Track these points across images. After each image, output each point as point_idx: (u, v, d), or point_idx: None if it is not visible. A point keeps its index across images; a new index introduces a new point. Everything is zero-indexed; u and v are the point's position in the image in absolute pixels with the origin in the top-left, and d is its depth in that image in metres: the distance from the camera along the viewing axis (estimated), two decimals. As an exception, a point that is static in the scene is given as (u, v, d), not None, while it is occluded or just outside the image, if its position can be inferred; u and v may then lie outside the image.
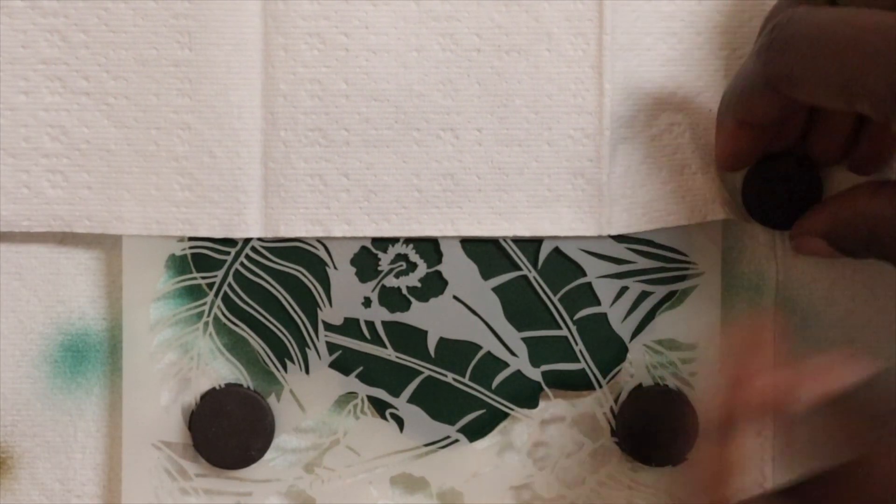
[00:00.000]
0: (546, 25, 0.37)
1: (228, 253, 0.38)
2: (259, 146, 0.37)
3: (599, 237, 0.38)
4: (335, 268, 0.38)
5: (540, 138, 0.37)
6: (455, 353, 0.38)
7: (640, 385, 0.39)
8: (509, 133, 0.37)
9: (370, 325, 0.38)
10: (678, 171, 0.38)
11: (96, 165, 0.37)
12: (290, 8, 0.37)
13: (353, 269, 0.38)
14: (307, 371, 0.38)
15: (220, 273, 0.38)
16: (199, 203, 0.37)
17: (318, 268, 0.38)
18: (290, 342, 0.38)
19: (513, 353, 0.38)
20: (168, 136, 0.37)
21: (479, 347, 0.38)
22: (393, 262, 0.38)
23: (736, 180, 0.39)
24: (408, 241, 0.38)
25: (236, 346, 0.38)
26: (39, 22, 0.37)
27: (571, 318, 0.38)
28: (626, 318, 0.38)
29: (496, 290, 0.38)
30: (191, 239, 0.37)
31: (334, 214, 0.37)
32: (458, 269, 0.38)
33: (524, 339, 0.38)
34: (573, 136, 0.37)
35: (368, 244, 0.38)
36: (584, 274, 0.38)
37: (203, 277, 0.38)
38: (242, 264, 0.38)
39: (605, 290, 0.38)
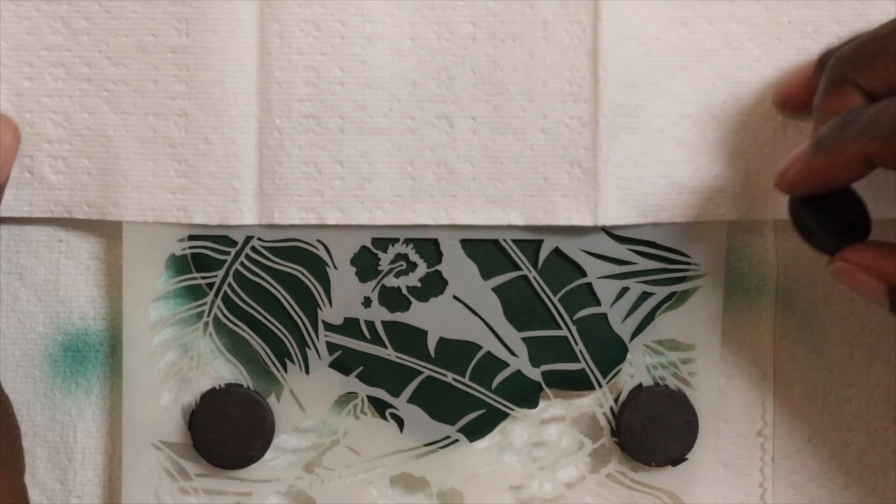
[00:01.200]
0: (541, 13, 0.37)
1: (228, 253, 0.38)
2: (254, 133, 0.37)
3: (600, 238, 0.38)
4: (335, 267, 0.38)
5: (535, 126, 0.37)
6: (455, 353, 0.38)
7: (640, 385, 0.39)
8: (504, 121, 0.37)
9: (370, 325, 0.38)
10: (680, 166, 0.38)
11: (95, 151, 0.37)
12: None
13: (353, 269, 0.38)
14: (307, 371, 0.38)
15: (220, 273, 0.38)
16: (195, 190, 0.37)
17: (318, 268, 0.38)
18: (290, 342, 0.38)
19: (513, 353, 0.38)
20: (165, 122, 0.37)
21: (479, 347, 0.38)
22: (393, 261, 0.38)
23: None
24: (408, 240, 0.38)
25: (236, 346, 0.38)
26: (43, 9, 0.37)
27: (571, 318, 0.38)
28: (626, 318, 0.38)
29: (496, 290, 0.38)
30: (191, 238, 0.37)
31: (328, 202, 0.37)
32: (458, 268, 0.38)
33: (524, 339, 0.38)
34: (568, 124, 0.37)
35: (368, 244, 0.38)
36: (584, 274, 0.38)
37: (203, 277, 0.38)
38: (242, 264, 0.38)
39: (605, 290, 0.38)
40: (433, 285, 0.38)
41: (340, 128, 0.37)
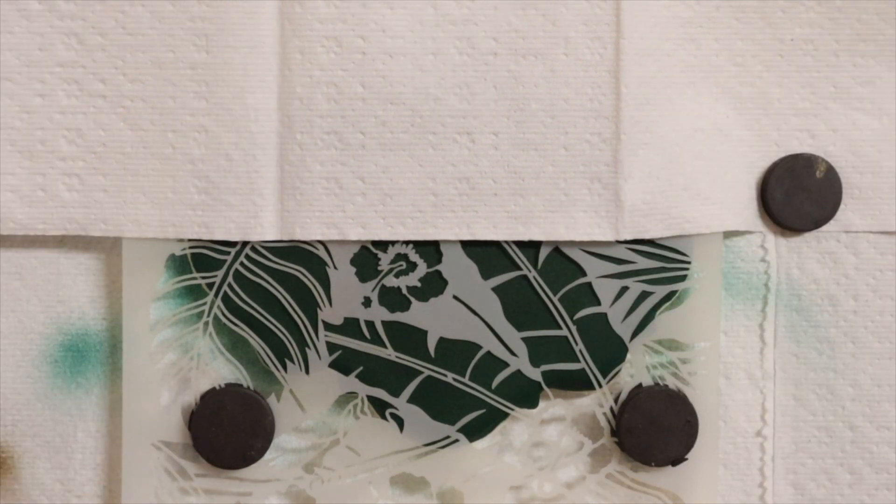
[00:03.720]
0: (563, 29, 0.37)
1: (228, 253, 0.38)
2: (275, 149, 0.37)
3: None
4: (335, 268, 0.38)
5: (556, 143, 0.37)
6: (455, 352, 0.38)
7: (640, 385, 0.39)
8: (525, 137, 0.37)
9: (370, 324, 0.38)
10: (699, 178, 0.38)
11: (112, 168, 0.37)
12: (307, 11, 0.37)
13: (353, 269, 0.38)
14: (307, 371, 0.38)
15: (220, 273, 0.38)
16: (216, 206, 0.37)
17: (318, 268, 0.38)
18: (290, 342, 0.38)
19: (513, 353, 0.38)
20: (184, 138, 0.37)
21: (479, 347, 0.38)
22: (393, 261, 0.38)
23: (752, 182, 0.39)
24: (408, 240, 0.38)
25: (236, 346, 0.38)
26: (57, 25, 0.37)
27: (571, 318, 0.38)
28: (626, 318, 0.38)
29: (496, 290, 0.38)
30: (191, 238, 0.37)
31: (349, 217, 0.37)
32: (458, 268, 0.38)
33: (524, 339, 0.38)
34: (590, 140, 0.37)
35: (368, 244, 0.38)
36: (584, 274, 0.38)
37: (203, 277, 0.38)
38: (242, 264, 0.38)
39: (605, 289, 0.38)
40: (433, 285, 0.38)
41: (362, 143, 0.37)
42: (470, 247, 0.38)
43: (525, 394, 0.38)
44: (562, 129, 0.37)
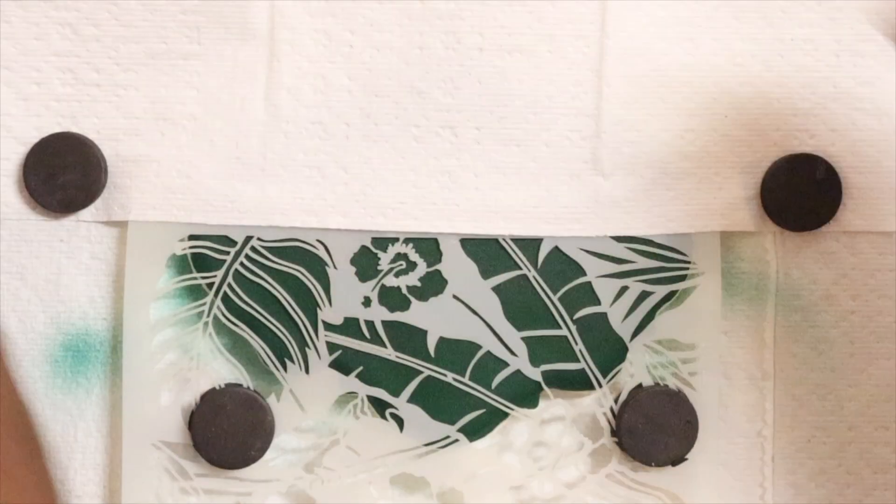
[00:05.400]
0: (548, 26, 0.37)
1: (228, 253, 0.38)
2: (259, 137, 0.37)
3: (600, 236, 0.38)
4: (335, 267, 0.38)
5: (538, 139, 0.37)
6: (455, 352, 0.38)
7: (640, 385, 0.39)
8: (508, 132, 0.37)
9: (370, 324, 0.38)
10: (684, 178, 0.38)
11: (105, 155, 0.38)
12: (298, 5, 0.37)
13: (353, 269, 0.38)
14: (307, 371, 0.38)
15: (220, 273, 0.38)
16: (196, 190, 0.37)
17: (317, 267, 0.38)
18: (289, 342, 0.38)
19: (513, 353, 0.38)
20: (174, 126, 0.37)
21: (478, 347, 0.38)
22: (393, 261, 0.38)
23: (753, 182, 0.38)
24: (408, 240, 0.38)
25: (236, 346, 0.38)
26: (52, 15, 0.37)
27: (571, 318, 0.38)
28: (626, 317, 0.38)
29: (496, 289, 0.38)
30: (191, 238, 0.38)
31: (330, 206, 0.37)
32: (458, 268, 0.38)
33: (524, 339, 0.38)
34: (570, 137, 0.37)
35: (368, 243, 0.38)
36: (584, 273, 0.38)
37: (203, 277, 0.38)
38: (242, 264, 0.38)
39: (605, 289, 0.38)
40: (433, 285, 0.38)
41: (346, 134, 0.37)
42: (470, 246, 0.38)
43: (525, 394, 0.38)
44: (544, 125, 0.37)
